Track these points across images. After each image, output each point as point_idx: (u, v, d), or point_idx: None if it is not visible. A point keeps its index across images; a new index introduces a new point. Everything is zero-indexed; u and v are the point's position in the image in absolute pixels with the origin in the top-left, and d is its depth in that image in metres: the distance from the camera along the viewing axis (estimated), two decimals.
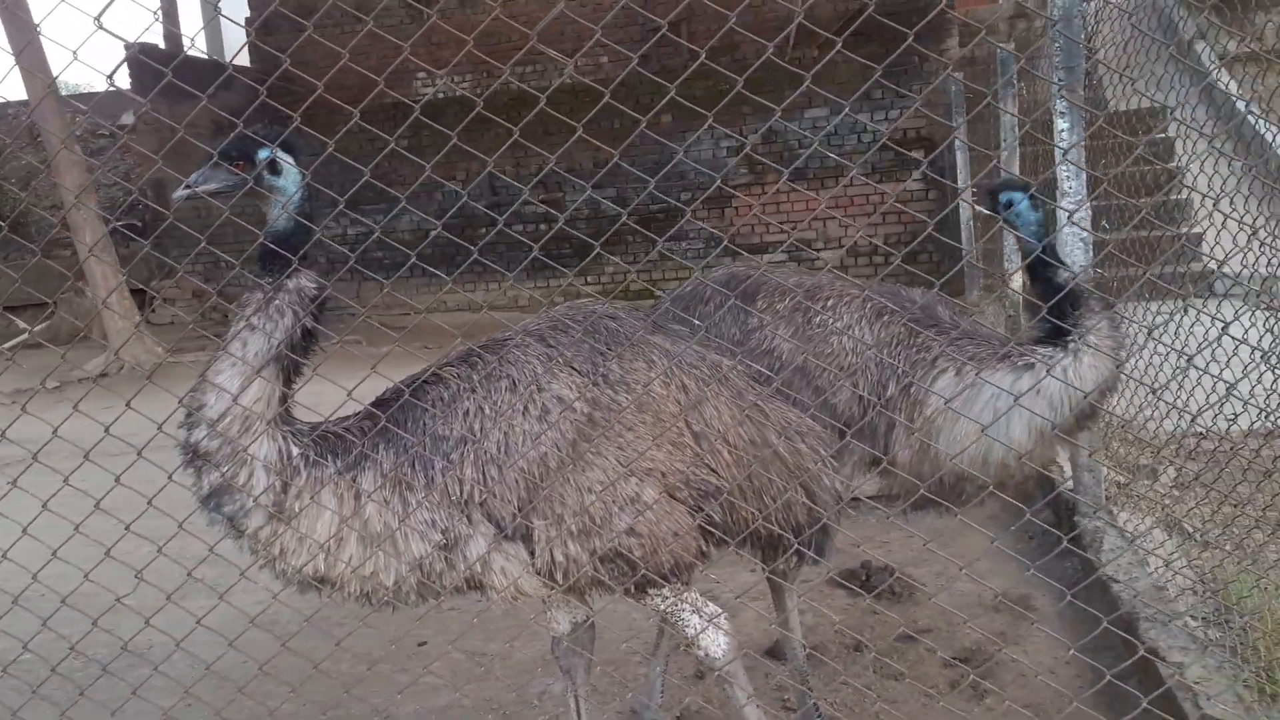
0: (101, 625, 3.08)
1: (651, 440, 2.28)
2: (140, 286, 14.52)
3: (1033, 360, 2.69)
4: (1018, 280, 6.99)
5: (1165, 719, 2.75)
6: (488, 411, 2.26)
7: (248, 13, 15.54)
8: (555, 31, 13.28)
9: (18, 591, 2.94)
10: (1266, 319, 3.55)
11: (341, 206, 2.71)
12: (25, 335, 12.14)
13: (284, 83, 3.55)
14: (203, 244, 2.84)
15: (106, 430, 2.68)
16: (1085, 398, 2.64)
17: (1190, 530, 4.13)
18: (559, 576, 2.25)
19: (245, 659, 3.28)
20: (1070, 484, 4.78)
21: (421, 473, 2.23)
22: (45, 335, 12.91)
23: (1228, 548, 3.71)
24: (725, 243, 11.74)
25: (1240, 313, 3.66)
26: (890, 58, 2.24)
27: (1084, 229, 4.39)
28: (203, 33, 19.08)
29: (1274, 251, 3.57)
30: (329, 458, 2.25)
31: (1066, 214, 4.38)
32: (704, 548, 2.37)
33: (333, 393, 2.45)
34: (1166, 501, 4.42)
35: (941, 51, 11.88)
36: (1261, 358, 3.50)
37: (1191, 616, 3.50)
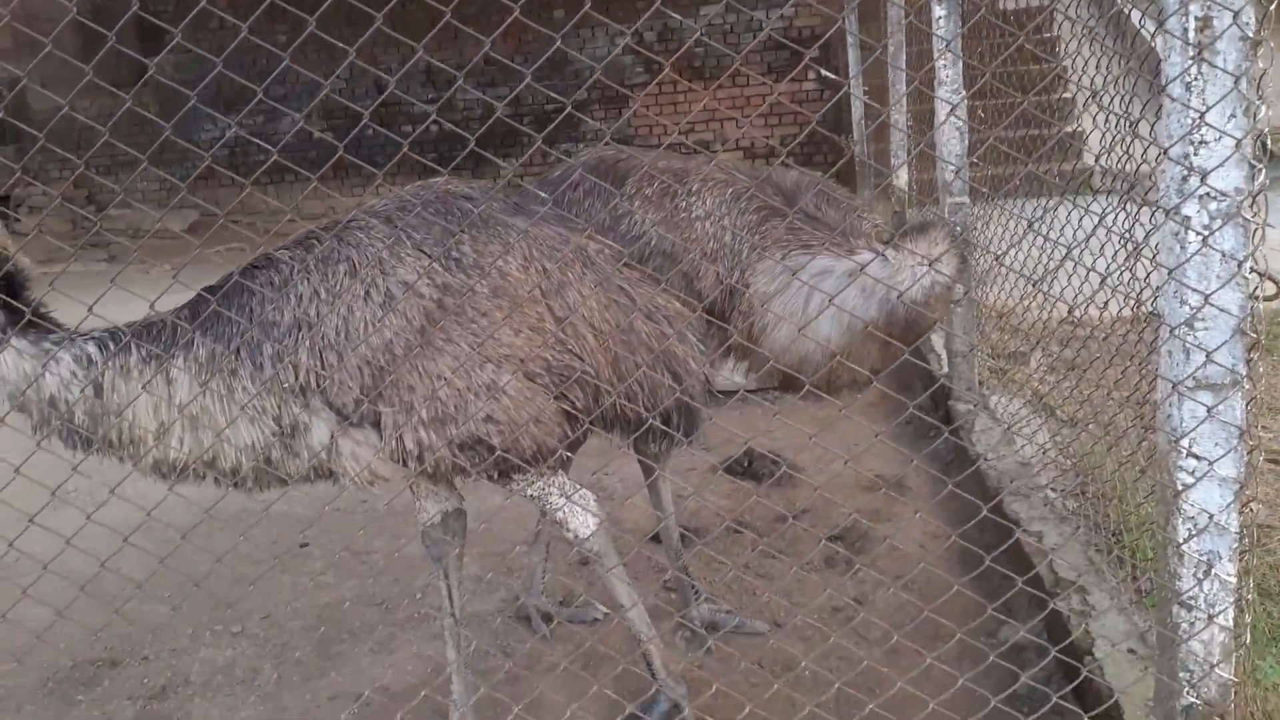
0: None
1: (507, 325, 2.22)
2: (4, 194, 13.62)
3: (853, 254, 2.64)
4: (904, 176, 7.07)
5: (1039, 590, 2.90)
6: (324, 296, 2.17)
7: None
8: None
9: None
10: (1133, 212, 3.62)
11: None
12: None
13: None
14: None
15: None
16: (900, 302, 2.58)
17: (1055, 409, 4.32)
18: (413, 463, 2.21)
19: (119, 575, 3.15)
20: (946, 368, 4.94)
21: (248, 359, 2.15)
22: None
23: (1090, 426, 3.88)
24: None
25: (1111, 209, 3.74)
26: None
27: (960, 119, 4.44)
28: None
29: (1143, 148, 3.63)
30: (142, 348, 2.18)
31: (945, 104, 4.43)
32: (568, 431, 2.35)
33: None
34: (1035, 384, 4.60)
35: None
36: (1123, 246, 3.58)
37: (1052, 490, 3.68)
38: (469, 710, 2.63)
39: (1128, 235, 3.36)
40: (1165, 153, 1.88)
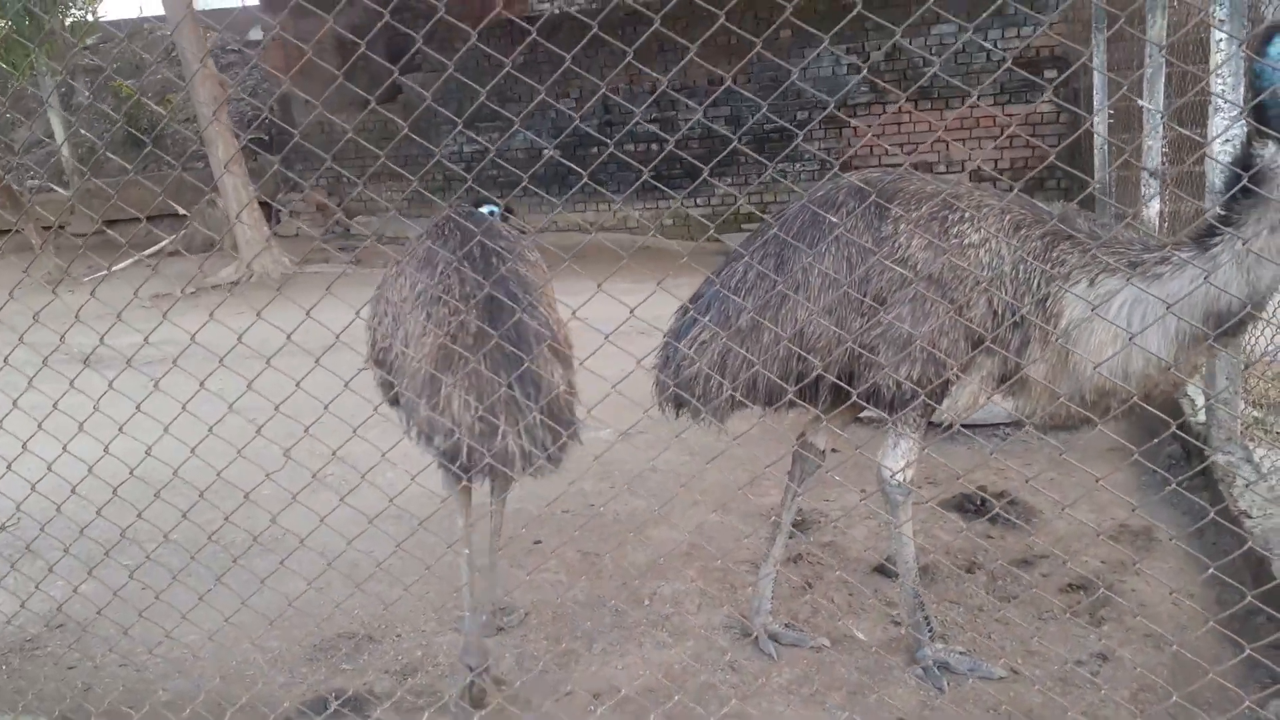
0: (233, 520, 3.34)
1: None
2: (266, 200, 15.06)
3: (1163, 268, 2.54)
4: (1154, 208, 6.64)
5: None
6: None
7: None
8: None
9: (159, 487, 3.15)
10: None
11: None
12: (164, 244, 12.76)
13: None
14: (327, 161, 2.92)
15: (239, 338, 2.83)
16: (1229, 303, 2.42)
17: None
18: None
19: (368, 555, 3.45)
20: (1202, 416, 4.59)
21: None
22: (180, 244, 13.55)
23: None
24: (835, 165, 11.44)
25: None
26: None
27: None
28: None
29: None
30: None
31: (1222, 128, 4.13)
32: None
33: None
34: None
35: None
36: None
37: None
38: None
39: None
40: None
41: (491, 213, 3.60)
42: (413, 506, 4.17)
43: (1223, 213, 2.43)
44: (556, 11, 14.10)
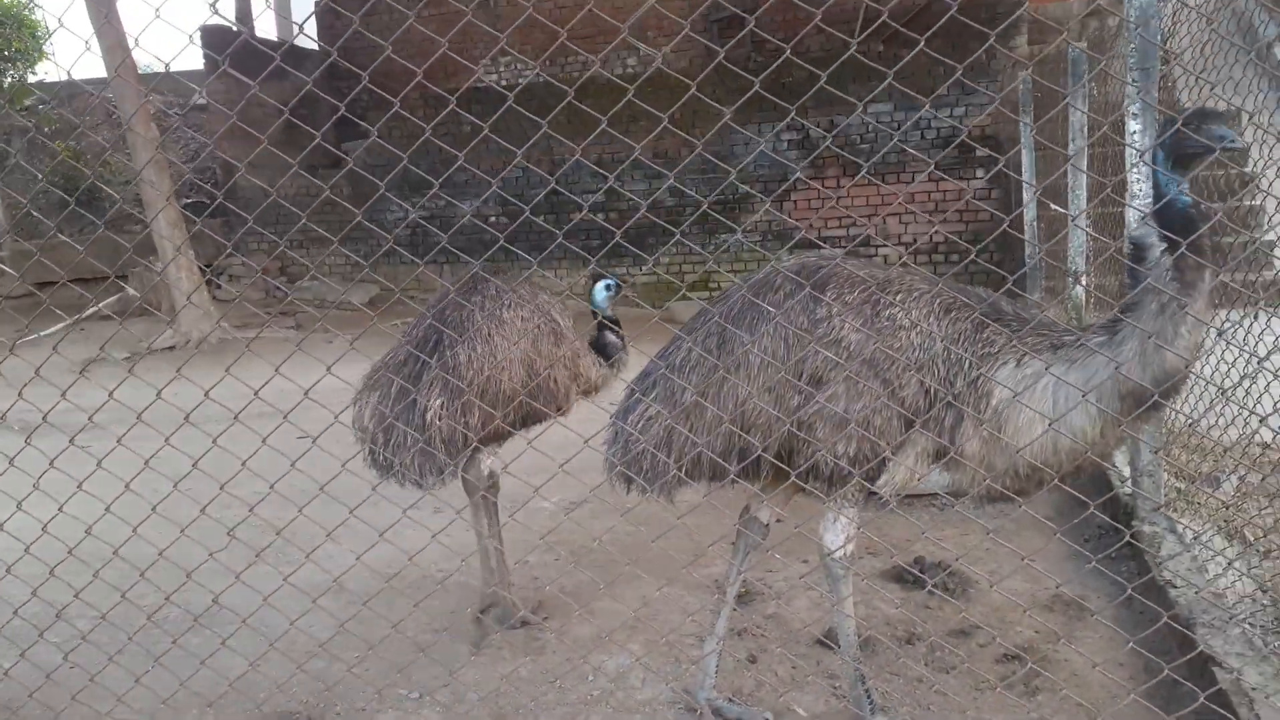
0: (174, 599, 3.29)
1: None
2: (205, 264, 14.89)
3: (1078, 353, 2.67)
4: (1082, 285, 6.93)
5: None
6: None
7: None
8: (620, 18, 13.37)
9: (99, 565, 3.10)
10: None
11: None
12: (98, 308, 12.52)
13: (352, 64, 3.72)
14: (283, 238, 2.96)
15: (186, 418, 2.84)
16: (1137, 387, 2.55)
17: (1251, 539, 4.10)
18: None
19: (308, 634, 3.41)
20: (1129, 488, 4.76)
21: None
22: (115, 307, 13.31)
23: None
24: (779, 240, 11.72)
25: None
26: (972, 57, 2.30)
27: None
28: (272, 13, 19.48)
29: None
30: None
31: (1138, 216, 4.36)
32: None
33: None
34: (1227, 509, 4.38)
35: (1011, 49, 11.73)
36: None
37: (1250, 623, 3.49)
38: None
39: None
40: None
41: (609, 285, 4.42)
42: (354, 584, 4.14)
43: (1129, 301, 2.58)
44: (503, 84, 14.35)
